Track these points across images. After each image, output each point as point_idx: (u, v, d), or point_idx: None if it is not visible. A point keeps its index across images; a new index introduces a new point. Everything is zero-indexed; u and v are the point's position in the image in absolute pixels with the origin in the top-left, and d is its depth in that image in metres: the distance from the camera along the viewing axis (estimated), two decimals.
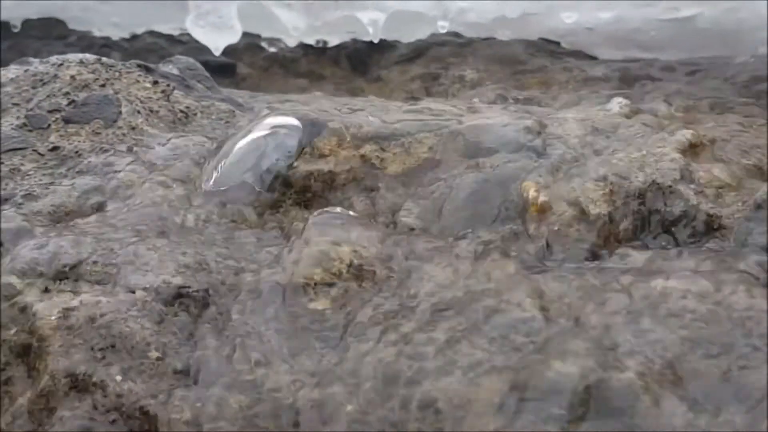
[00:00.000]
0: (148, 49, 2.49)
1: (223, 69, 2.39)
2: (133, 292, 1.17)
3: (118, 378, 1.08)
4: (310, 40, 2.51)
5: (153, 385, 1.08)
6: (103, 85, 1.57)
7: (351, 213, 1.36)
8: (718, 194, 1.30)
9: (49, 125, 1.50)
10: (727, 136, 1.51)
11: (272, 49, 2.54)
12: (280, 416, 1.04)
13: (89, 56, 1.63)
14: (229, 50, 2.42)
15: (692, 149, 1.38)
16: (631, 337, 1.03)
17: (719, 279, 1.09)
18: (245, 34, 2.44)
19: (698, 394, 0.97)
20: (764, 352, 0.98)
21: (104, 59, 1.64)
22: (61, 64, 1.60)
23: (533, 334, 1.07)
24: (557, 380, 0.99)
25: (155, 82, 1.63)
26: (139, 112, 1.55)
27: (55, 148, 1.47)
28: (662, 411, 0.95)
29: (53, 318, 1.13)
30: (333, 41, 2.52)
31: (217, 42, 2.27)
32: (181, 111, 1.61)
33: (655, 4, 2.24)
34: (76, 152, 1.46)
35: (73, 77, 1.57)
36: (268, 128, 1.47)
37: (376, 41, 2.40)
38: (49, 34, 2.57)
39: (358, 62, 2.52)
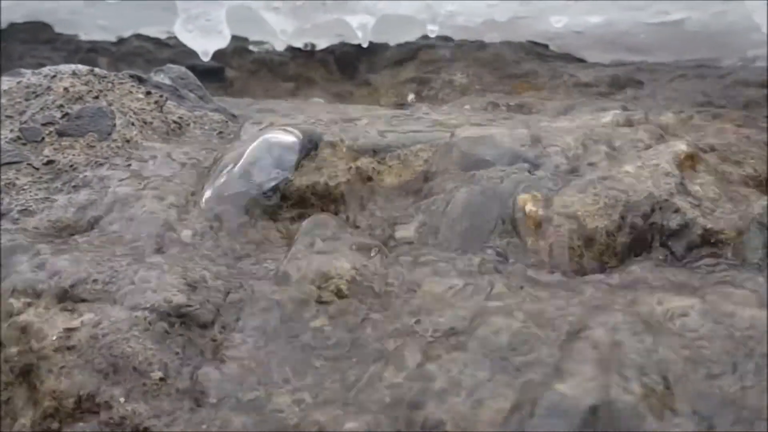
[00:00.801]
0: (135, 53, 2.48)
1: (211, 73, 2.38)
2: (135, 311, 1.17)
3: (122, 399, 1.08)
4: (299, 44, 2.50)
5: (156, 406, 1.08)
6: (96, 97, 1.56)
7: (349, 227, 1.36)
8: (714, 207, 1.30)
9: (44, 138, 1.49)
10: (720, 145, 1.52)
11: (260, 53, 2.53)
12: None
13: (81, 67, 1.62)
14: (216, 53, 2.40)
15: (687, 161, 1.38)
16: (634, 356, 1.04)
17: (720, 296, 1.10)
18: (233, 38, 2.43)
19: (702, 414, 0.97)
20: (766, 372, 0.99)
21: (96, 70, 1.63)
22: (54, 76, 1.59)
23: (535, 353, 1.07)
24: (561, 401, 0.99)
25: (148, 93, 1.62)
26: (133, 124, 1.54)
27: (50, 162, 1.46)
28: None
29: (54, 338, 1.13)
30: (322, 44, 2.52)
31: (205, 47, 2.26)
32: (174, 122, 1.60)
33: (645, 7, 2.25)
34: (71, 166, 1.46)
35: (66, 89, 1.56)
36: (265, 142, 1.47)
37: (365, 45, 2.40)
38: (36, 38, 2.55)
39: (347, 66, 2.52)
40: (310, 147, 1.47)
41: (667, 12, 2.25)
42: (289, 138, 1.47)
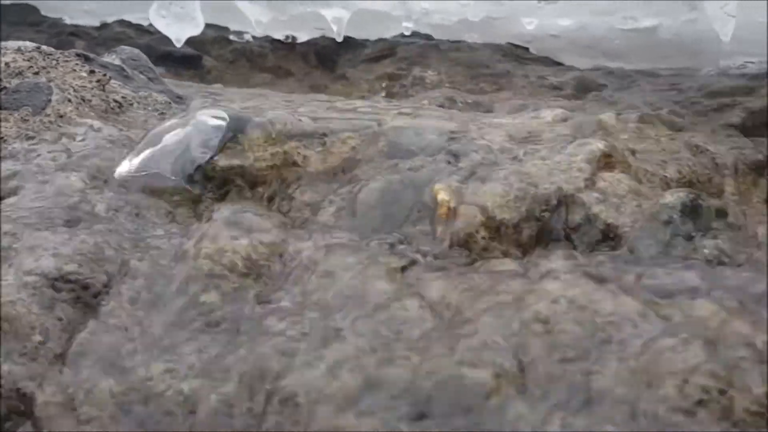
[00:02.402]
0: (115, 38, 2.51)
1: (188, 60, 2.41)
2: (26, 276, 1.19)
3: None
4: (277, 35, 2.52)
5: (32, 368, 1.11)
6: (36, 73, 1.59)
7: (259, 208, 1.37)
8: (620, 203, 1.30)
9: None
10: (649, 147, 1.51)
11: (239, 42, 2.55)
12: (148, 404, 1.06)
13: (28, 44, 1.66)
14: (195, 41, 2.43)
15: (604, 158, 1.38)
16: (498, 338, 1.05)
17: (595, 286, 1.11)
18: (212, 27, 2.46)
19: (548, 398, 0.98)
20: (617, 357, 1.00)
21: (43, 47, 1.66)
22: None
23: (406, 334, 1.08)
24: (412, 378, 1.00)
25: (91, 72, 1.65)
26: (70, 100, 1.57)
27: None
28: (508, 412, 0.96)
29: None
30: (302, 37, 2.54)
31: (178, 33, 2.28)
32: (116, 101, 1.63)
33: (613, 12, 2.24)
34: (1, 138, 1.48)
35: (7, 64, 1.59)
36: (193, 121, 1.49)
37: (339, 39, 2.41)
38: (23, 20, 2.59)
39: (326, 59, 2.54)
40: (239, 129, 1.48)
41: (635, 18, 2.24)
42: (217, 119, 1.48)
